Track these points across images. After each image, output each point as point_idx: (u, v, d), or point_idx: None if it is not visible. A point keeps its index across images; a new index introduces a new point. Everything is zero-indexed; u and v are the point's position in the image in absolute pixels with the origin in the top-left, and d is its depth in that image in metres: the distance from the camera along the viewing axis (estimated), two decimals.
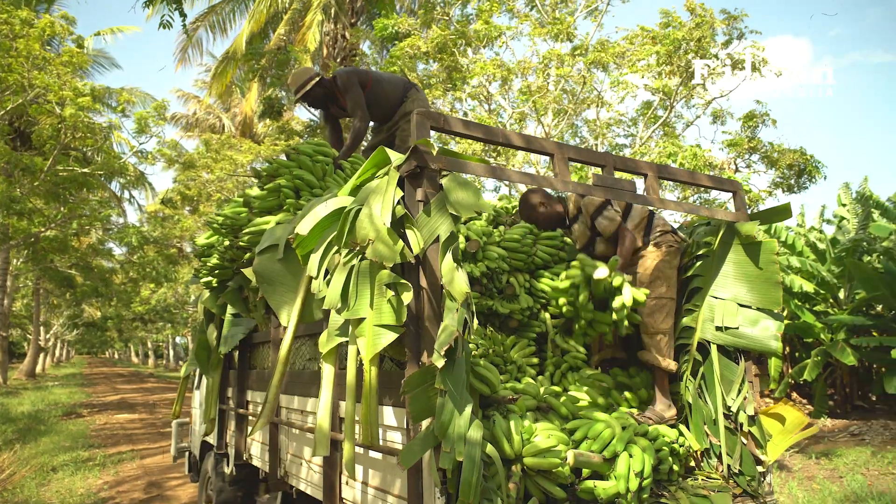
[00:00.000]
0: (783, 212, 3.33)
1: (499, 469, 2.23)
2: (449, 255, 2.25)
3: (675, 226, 3.57)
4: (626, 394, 3.28)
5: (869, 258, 10.56)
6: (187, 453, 6.23)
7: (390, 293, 2.15)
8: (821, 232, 12.23)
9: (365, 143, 5.24)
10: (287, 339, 2.87)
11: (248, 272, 3.60)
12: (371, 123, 5.00)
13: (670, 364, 3.20)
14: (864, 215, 11.12)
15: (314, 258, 2.44)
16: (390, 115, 4.84)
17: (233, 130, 20.14)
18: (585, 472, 2.61)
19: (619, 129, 12.05)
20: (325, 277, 2.58)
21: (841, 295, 10.64)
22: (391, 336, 2.22)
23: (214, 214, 4.44)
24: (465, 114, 11.60)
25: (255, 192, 3.55)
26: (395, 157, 2.46)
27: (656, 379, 3.25)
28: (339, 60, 13.93)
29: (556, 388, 3.14)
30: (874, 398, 11.19)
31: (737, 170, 9.98)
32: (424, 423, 2.15)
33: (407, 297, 2.13)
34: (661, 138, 10.66)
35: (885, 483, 7.50)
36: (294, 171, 3.48)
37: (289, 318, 2.92)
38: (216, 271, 4.37)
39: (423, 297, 2.25)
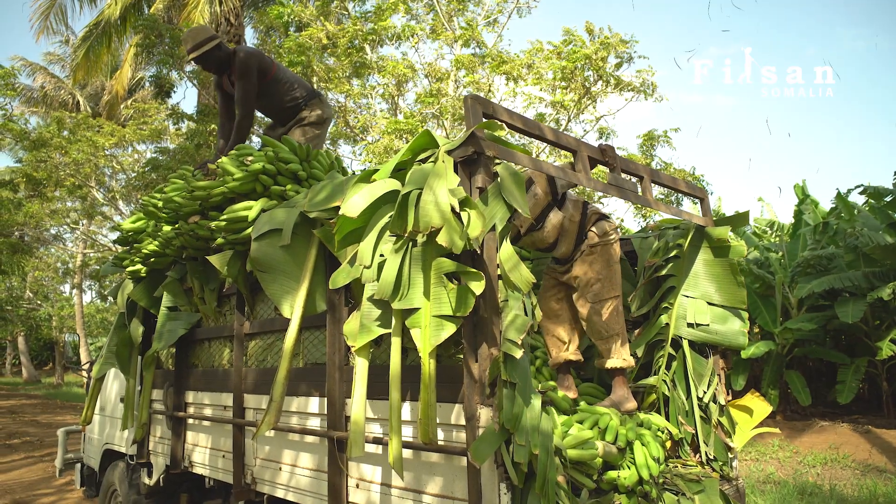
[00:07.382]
0: (743, 219, 3.66)
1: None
2: (507, 244, 2.21)
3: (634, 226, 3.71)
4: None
5: None
6: (78, 465, 5.47)
7: (470, 282, 2.06)
8: None
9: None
10: (292, 332, 2.65)
11: (214, 259, 3.27)
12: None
13: (631, 361, 3.20)
14: None
15: (366, 245, 2.27)
16: (280, 115, 4.57)
17: (89, 109, 18.05)
18: (598, 461, 2.67)
19: (512, 139, 12.45)
20: (352, 265, 2.42)
21: None
22: (452, 327, 2.12)
23: (147, 197, 3.99)
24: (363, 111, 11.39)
25: (230, 167, 3.23)
26: (443, 142, 2.37)
27: (615, 375, 3.22)
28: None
29: (552, 383, 3.18)
30: None
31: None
32: (483, 417, 2.08)
33: (478, 286, 2.05)
34: (552, 149, 11.18)
35: None
36: (281, 153, 3.21)
37: (292, 308, 2.70)
38: (151, 259, 3.91)
39: None
